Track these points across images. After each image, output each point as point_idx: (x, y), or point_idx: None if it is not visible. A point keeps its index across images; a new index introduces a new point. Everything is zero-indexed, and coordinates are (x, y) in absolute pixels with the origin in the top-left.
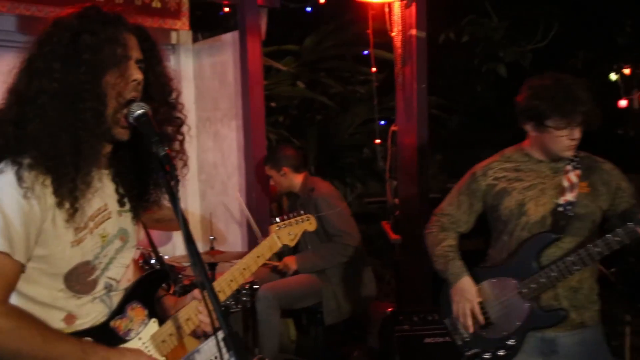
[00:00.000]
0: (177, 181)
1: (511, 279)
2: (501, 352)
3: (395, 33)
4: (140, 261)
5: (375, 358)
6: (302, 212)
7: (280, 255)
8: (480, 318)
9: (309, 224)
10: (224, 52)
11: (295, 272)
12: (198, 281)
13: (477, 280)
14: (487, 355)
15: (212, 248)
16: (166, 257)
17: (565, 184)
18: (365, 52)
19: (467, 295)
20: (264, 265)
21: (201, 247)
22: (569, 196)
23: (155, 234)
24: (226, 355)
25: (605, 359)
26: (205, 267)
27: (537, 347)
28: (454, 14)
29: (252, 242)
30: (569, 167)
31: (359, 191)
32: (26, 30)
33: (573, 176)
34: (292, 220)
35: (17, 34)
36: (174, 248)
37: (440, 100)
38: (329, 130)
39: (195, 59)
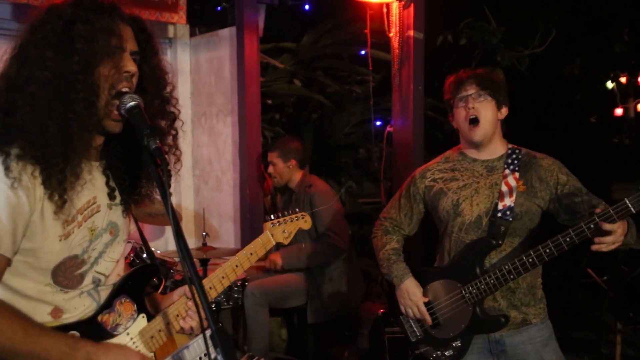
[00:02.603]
0: (169, 175)
1: (456, 282)
2: (448, 353)
3: (393, 34)
4: (132, 255)
5: (365, 359)
6: (297, 209)
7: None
8: (427, 318)
9: (304, 222)
10: (221, 48)
11: (282, 272)
12: (187, 277)
13: (426, 280)
14: (435, 354)
15: (204, 244)
16: (158, 251)
17: (504, 188)
18: (363, 52)
19: (412, 296)
20: (255, 265)
21: (194, 242)
22: (508, 201)
23: (148, 229)
24: (214, 353)
25: (555, 355)
26: (194, 263)
27: (486, 348)
28: (452, 17)
29: (245, 239)
30: (507, 172)
31: (354, 191)
32: (21, 19)
33: (512, 180)
34: (287, 218)
35: (13, 22)
36: (166, 243)
37: (436, 103)
38: (325, 129)
39: (192, 53)
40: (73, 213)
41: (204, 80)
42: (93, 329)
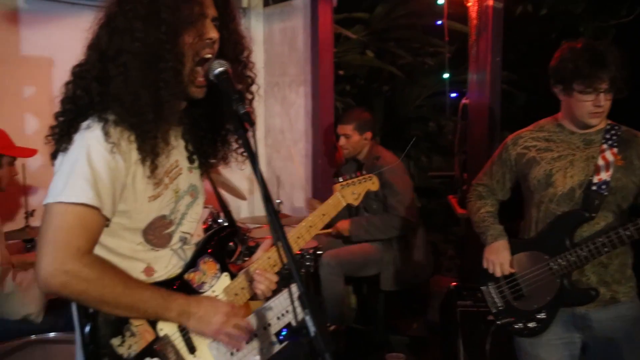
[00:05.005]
0: (254, 139)
1: (543, 254)
2: (532, 324)
3: (472, 3)
4: (209, 220)
5: (435, 332)
6: (364, 172)
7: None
8: (506, 272)
9: (372, 183)
10: (295, 18)
11: (347, 238)
12: (275, 238)
13: (511, 252)
14: (518, 326)
15: (278, 211)
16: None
17: (601, 162)
18: (439, 23)
19: (500, 255)
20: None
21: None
22: (604, 175)
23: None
24: (301, 313)
25: None
26: (282, 225)
27: (570, 321)
28: None
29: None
30: (605, 146)
31: (423, 165)
32: None
33: (609, 154)
34: (355, 179)
35: None
36: (238, 210)
37: (511, 76)
38: (396, 101)
39: (265, 23)
40: (161, 176)
41: (276, 50)
42: (181, 287)
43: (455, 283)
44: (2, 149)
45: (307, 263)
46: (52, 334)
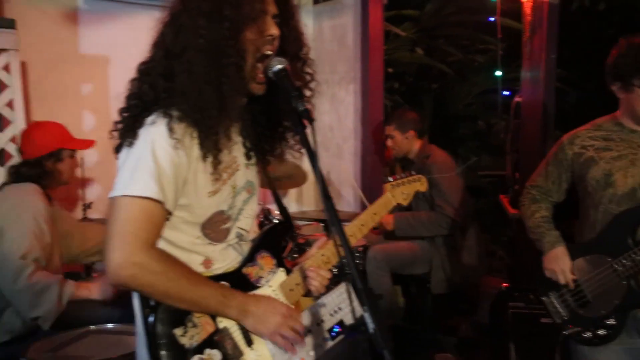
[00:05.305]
0: (314, 136)
1: (605, 256)
2: (601, 332)
3: None
4: (261, 216)
5: (485, 333)
6: (413, 172)
7: None
8: (571, 285)
9: (421, 184)
10: (345, 15)
11: (391, 233)
12: (333, 234)
13: (570, 257)
14: (586, 335)
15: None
16: None
17: None
18: (491, 19)
19: (561, 262)
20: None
21: (315, 206)
22: None
23: (268, 193)
24: (358, 308)
25: None
26: (341, 222)
27: (634, 326)
28: None
29: (365, 206)
30: None
31: (472, 164)
32: None
33: None
34: (405, 179)
35: None
36: (287, 206)
37: (565, 73)
38: (445, 99)
39: (315, 20)
40: (221, 171)
41: (326, 48)
42: (239, 280)
43: (506, 284)
44: (62, 143)
45: (357, 261)
46: (109, 325)
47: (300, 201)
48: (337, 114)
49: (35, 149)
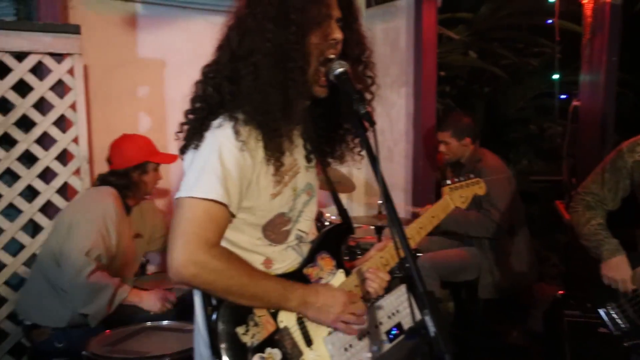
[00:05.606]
0: (375, 139)
1: None
2: None
3: (587, 0)
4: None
5: (537, 341)
6: (471, 175)
7: None
8: (631, 294)
9: (479, 187)
10: (398, 18)
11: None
12: (394, 239)
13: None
14: None
15: (379, 212)
16: (333, 217)
17: None
18: (549, 21)
19: (621, 271)
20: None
21: (363, 211)
22: None
23: (322, 195)
24: (417, 311)
25: None
26: (402, 226)
27: None
28: None
29: (416, 207)
30: None
31: (523, 169)
32: None
33: None
34: (463, 183)
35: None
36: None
37: (625, 76)
38: (498, 102)
39: (367, 24)
40: (282, 174)
41: (378, 51)
42: (300, 281)
43: (562, 292)
44: (149, 156)
45: (407, 265)
46: (164, 322)
47: (349, 206)
48: (388, 117)
49: (124, 160)
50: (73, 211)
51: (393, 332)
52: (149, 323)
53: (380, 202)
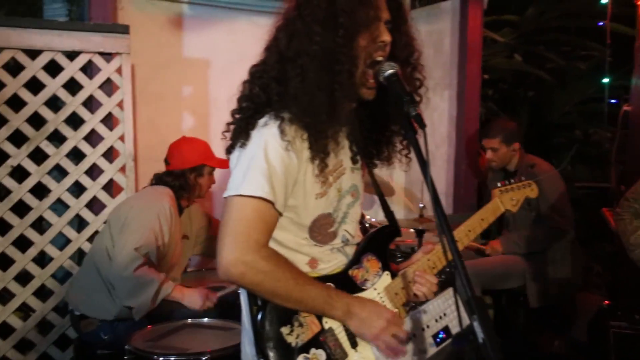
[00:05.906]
0: (425, 141)
1: None
2: None
3: None
4: None
5: (581, 351)
6: (523, 177)
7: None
8: None
9: (531, 190)
10: (442, 20)
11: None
12: (442, 241)
13: None
14: None
15: (421, 215)
16: (373, 219)
17: None
18: (600, 24)
19: None
20: (469, 246)
21: (404, 214)
22: None
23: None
24: (465, 316)
25: None
26: (450, 228)
27: None
28: None
29: (457, 211)
30: None
31: (567, 174)
32: None
33: None
34: (514, 185)
35: (271, 1)
36: (376, 212)
37: None
38: (542, 107)
39: None
40: (327, 174)
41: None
42: (345, 282)
43: (608, 302)
44: (206, 159)
45: (447, 269)
46: (205, 319)
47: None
48: (430, 120)
49: (182, 162)
50: (129, 207)
51: (440, 335)
52: (189, 320)
53: (421, 205)
